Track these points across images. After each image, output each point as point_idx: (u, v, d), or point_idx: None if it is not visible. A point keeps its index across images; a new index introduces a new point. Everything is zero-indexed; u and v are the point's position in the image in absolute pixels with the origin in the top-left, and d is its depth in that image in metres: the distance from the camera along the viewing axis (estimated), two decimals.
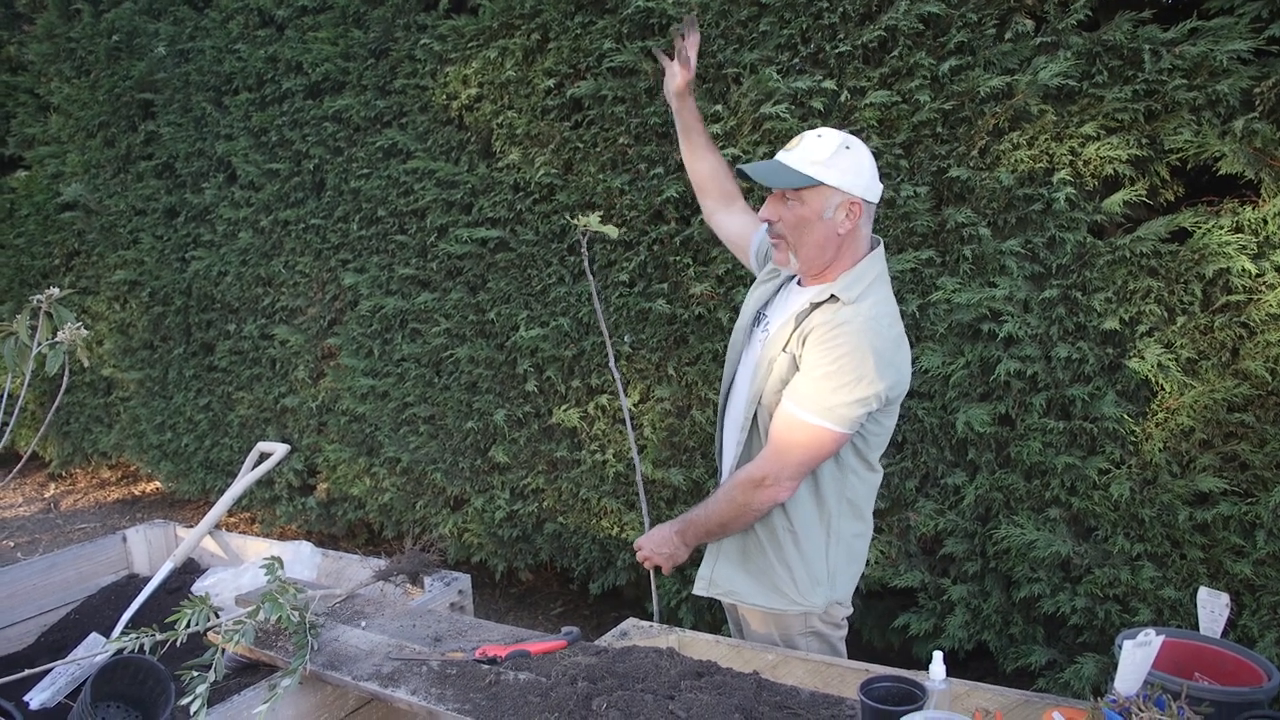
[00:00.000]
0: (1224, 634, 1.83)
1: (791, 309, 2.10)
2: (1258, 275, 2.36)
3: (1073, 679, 2.67)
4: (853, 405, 1.95)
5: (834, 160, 1.97)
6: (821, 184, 1.97)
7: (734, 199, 2.52)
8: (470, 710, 1.87)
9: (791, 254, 2.05)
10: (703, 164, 2.52)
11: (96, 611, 3.18)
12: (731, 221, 2.51)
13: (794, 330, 2.04)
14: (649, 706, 1.74)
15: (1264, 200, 2.35)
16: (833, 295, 2.01)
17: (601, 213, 3.31)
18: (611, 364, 2.64)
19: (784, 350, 2.05)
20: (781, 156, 2.03)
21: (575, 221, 2.49)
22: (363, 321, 4.30)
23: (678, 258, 3.27)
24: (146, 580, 3.23)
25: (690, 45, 2.42)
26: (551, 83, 3.43)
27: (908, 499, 2.95)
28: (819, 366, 1.96)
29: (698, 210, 3.21)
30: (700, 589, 2.26)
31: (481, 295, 3.86)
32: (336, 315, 4.49)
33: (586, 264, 2.75)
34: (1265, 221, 2.34)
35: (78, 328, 3.15)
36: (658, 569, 2.32)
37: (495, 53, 3.55)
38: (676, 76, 2.43)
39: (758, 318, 2.25)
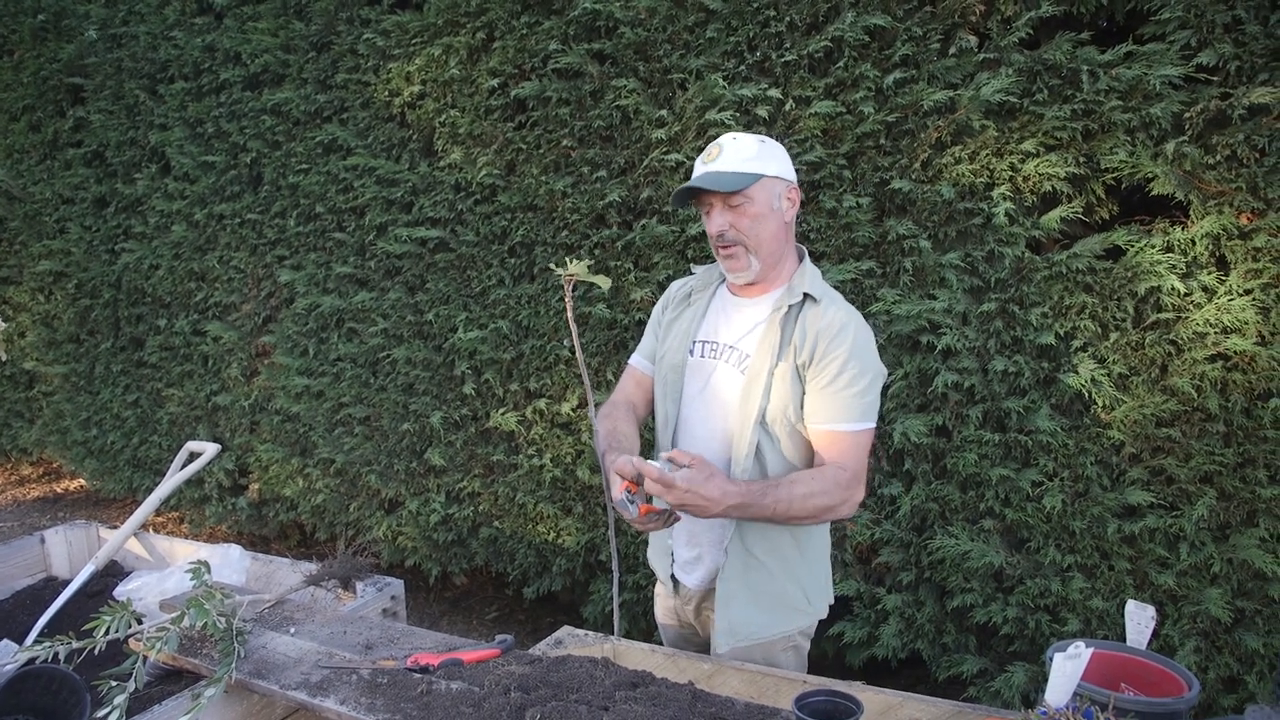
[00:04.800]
0: (1148, 645, 1.87)
1: (758, 320, 2.06)
2: (1186, 294, 2.41)
3: (1003, 687, 2.70)
4: (878, 395, 2.02)
5: (763, 153, 2.00)
6: (764, 176, 1.99)
7: (633, 408, 2.30)
8: None
9: (751, 256, 2.02)
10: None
11: (10, 617, 3.05)
12: (640, 394, 2.34)
13: (781, 337, 2.00)
14: (583, 717, 1.72)
15: (1192, 221, 2.41)
16: (808, 295, 2.01)
17: (590, 262, 2.57)
18: (588, 393, 2.15)
19: (782, 360, 1.99)
20: (712, 167, 1.99)
21: (559, 270, 2.13)
22: (298, 319, 4.21)
23: (619, 262, 3.25)
24: (66, 583, 3.11)
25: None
26: (495, 82, 3.39)
27: None
28: (841, 375, 1.96)
29: (640, 215, 3.21)
30: (725, 645, 2.09)
31: (420, 296, 3.80)
32: (271, 313, 4.39)
33: (570, 314, 2.14)
34: (1194, 242, 2.40)
35: None
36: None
37: (439, 50, 3.50)
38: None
39: (694, 346, 2.15)
